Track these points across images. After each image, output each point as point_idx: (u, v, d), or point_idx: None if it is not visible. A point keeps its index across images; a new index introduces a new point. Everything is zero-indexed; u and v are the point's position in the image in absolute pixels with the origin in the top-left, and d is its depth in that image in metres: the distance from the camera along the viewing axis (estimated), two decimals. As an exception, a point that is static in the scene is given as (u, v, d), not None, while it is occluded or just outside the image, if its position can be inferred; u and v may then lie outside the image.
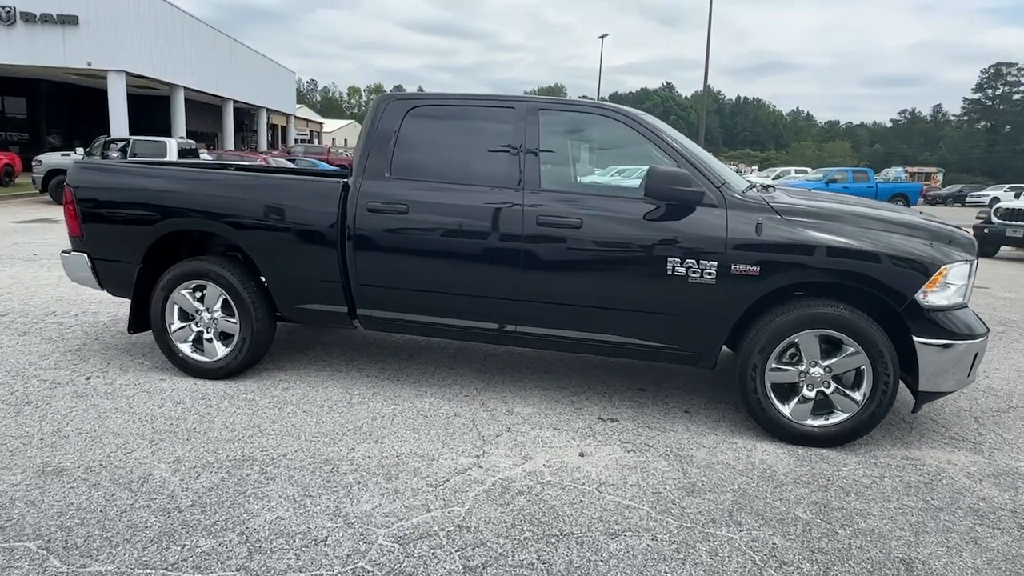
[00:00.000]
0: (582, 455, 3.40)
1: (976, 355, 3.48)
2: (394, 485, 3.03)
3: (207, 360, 4.27)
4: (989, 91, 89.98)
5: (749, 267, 3.48)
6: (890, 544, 2.70)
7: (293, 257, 4.07)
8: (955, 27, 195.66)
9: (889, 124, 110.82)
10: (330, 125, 78.49)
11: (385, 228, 3.89)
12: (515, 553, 2.54)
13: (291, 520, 2.71)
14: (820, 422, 3.56)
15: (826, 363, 3.52)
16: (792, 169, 37.39)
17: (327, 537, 2.60)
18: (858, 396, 3.49)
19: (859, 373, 3.50)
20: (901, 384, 3.58)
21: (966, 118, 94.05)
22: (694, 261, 3.53)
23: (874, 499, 3.06)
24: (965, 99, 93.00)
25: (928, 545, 2.71)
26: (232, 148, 32.99)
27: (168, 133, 25.38)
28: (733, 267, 3.49)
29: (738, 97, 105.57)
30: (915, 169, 53.43)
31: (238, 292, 4.13)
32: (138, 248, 4.28)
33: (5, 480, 2.94)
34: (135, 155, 15.86)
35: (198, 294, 4.27)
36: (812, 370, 3.54)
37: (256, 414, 3.78)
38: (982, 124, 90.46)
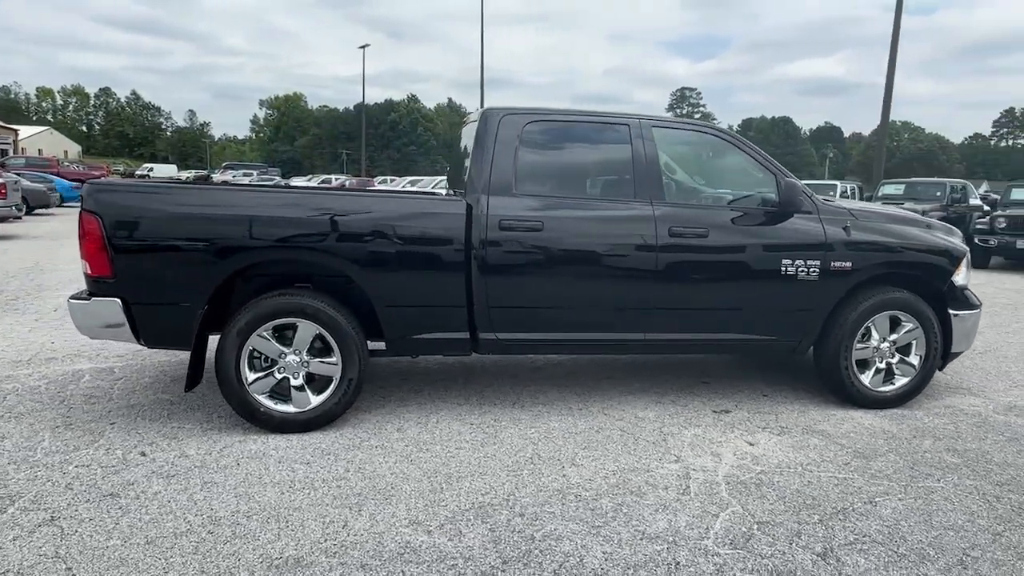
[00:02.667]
0: (752, 444, 3.72)
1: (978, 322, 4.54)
2: (658, 498, 3.04)
3: (297, 411, 3.68)
4: (678, 111, 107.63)
5: (844, 264, 4.11)
6: (993, 450, 3.48)
7: (414, 283, 3.72)
8: (641, 55, 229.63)
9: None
10: (25, 132, 65.68)
11: (520, 246, 3.77)
12: (826, 532, 2.78)
13: (621, 552, 2.61)
14: (890, 387, 4.33)
15: (891, 338, 4.30)
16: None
17: (673, 558, 2.58)
18: (916, 362, 4.32)
19: (911, 344, 4.33)
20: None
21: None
22: (803, 261, 4.06)
23: (962, 436, 3.87)
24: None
25: (1008, 452, 3.55)
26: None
27: None
28: (832, 264, 4.09)
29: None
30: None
31: (341, 328, 3.64)
32: (203, 287, 3.53)
33: (255, 584, 2.34)
34: None
35: (276, 335, 3.66)
36: (882, 345, 4.29)
37: (410, 460, 3.41)
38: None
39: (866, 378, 4.29)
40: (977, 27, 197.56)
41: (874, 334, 4.27)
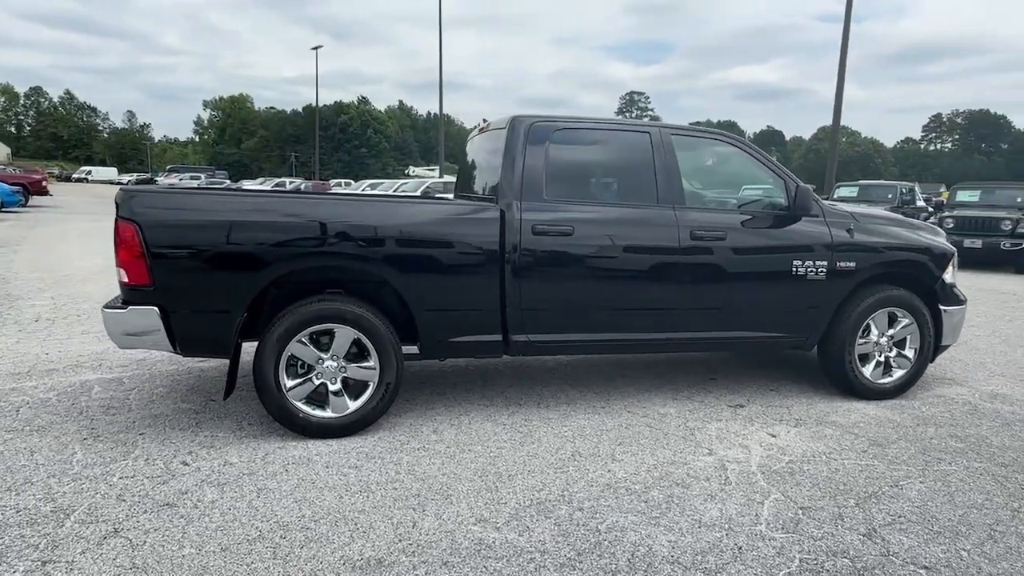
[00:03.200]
0: (774, 436, 3.92)
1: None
2: (703, 489, 3.20)
3: (335, 416, 3.70)
4: (627, 114, 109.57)
5: (848, 264, 4.36)
6: (990, 435, 3.78)
7: (451, 288, 3.80)
8: (585, 60, 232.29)
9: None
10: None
11: (552, 250, 3.88)
12: (865, 515, 2.98)
13: (684, 540, 2.75)
14: (888, 379, 4.61)
15: (889, 333, 4.58)
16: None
17: (734, 543, 2.73)
18: (911, 356, 4.61)
19: (906, 339, 4.62)
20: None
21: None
22: (812, 262, 4.30)
23: (959, 423, 4.17)
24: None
25: (1004, 436, 3.86)
26: None
27: None
28: (838, 265, 4.34)
29: (429, 113, 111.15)
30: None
31: (380, 333, 3.68)
32: (243, 295, 3.53)
33: (346, 585, 2.39)
34: None
35: (313, 341, 3.68)
36: (881, 340, 4.57)
37: (456, 461, 3.48)
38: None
39: (867, 371, 4.56)
40: (903, 36, 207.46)
41: (874, 330, 4.55)
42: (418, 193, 16.34)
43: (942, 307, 4.64)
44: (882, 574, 2.54)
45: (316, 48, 46.35)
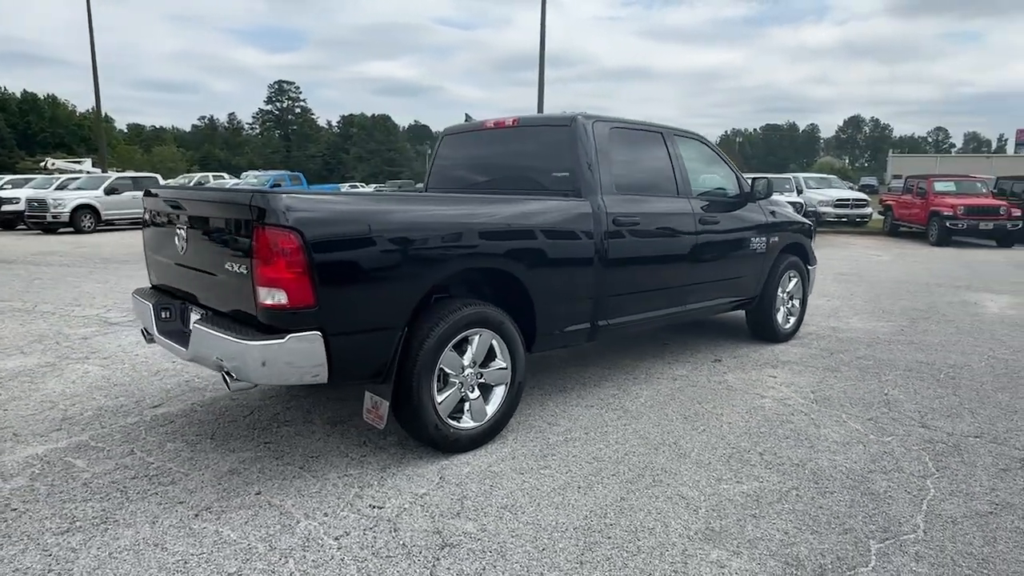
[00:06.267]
0: (774, 377, 4.94)
1: (810, 272, 6.60)
2: (800, 421, 4.01)
3: (476, 424, 3.57)
4: (278, 104, 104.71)
5: (775, 238, 5.62)
6: (882, 355, 5.46)
7: (563, 280, 3.92)
8: (208, 41, 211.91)
9: (189, 129, 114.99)
10: None
11: (627, 240, 4.25)
12: (891, 406, 4.16)
13: (828, 437, 3.53)
14: (789, 325, 6.06)
15: (789, 289, 6.01)
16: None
17: (881, 445, 3.61)
18: (798, 305, 6.13)
19: (796, 292, 6.12)
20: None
21: (259, 126, 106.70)
22: (761, 238, 5.43)
23: (852, 348, 5.79)
24: (260, 110, 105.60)
25: (891, 352, 5.58)
26: None
27: None
28: (770, 240, 5.57)
29: (25, 92, 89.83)
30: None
31: (512, 333, 3.65)
32: (405, 307, 3.17)
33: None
34: None
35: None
36: (785, 294, 5.97)
37: (638, 446, 3.69)
38: (278, 132, 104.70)
39: (780, 320, 5.92)
40: (511, 45, 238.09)
41: (783, 288, 5.92)
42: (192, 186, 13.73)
43: (809, 267, 6.25)
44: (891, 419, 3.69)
45: None
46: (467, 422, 3.51)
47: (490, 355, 3.62)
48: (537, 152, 4.43)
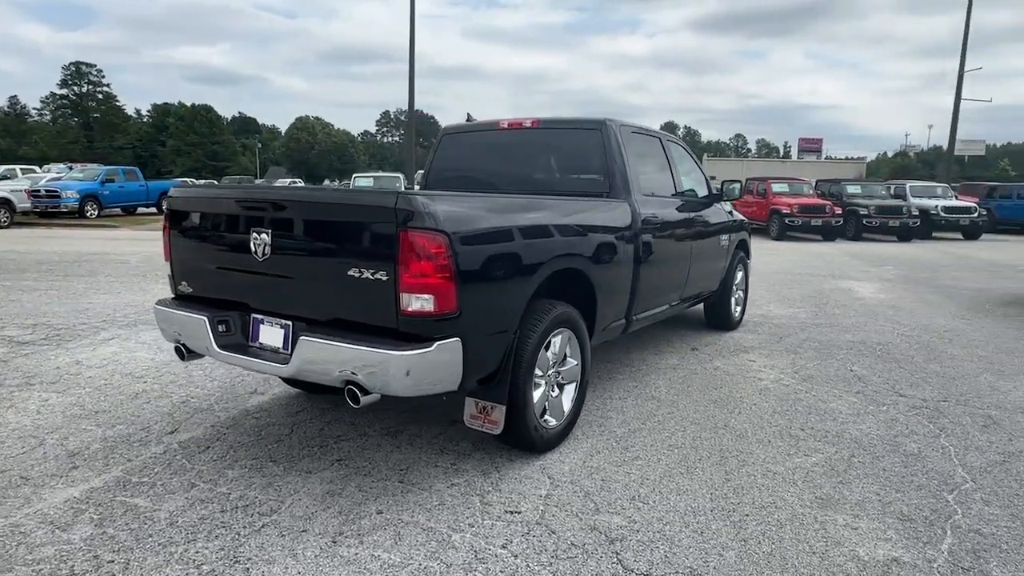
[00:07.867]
0: (753, 360, 5.45)
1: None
2: (821, 392, 4.51)
3: (557, 423, 3.62)
4: (75, 88, 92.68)
5: (733, 236, 6.18)
6: (821, 337, 6.26)
7: (615, 278, 4.07)
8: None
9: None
10: None
11: (651, 239, 4.48)
12: (875, 372, 4.82)
13: (839, 404, 4.06)
14: (737, 314, 6.67)
15: (738, 280, 6.63)
16: None
17: (886, 414, 4.18)
18: (743, 294, 6.78)
19: (742, 283, 6.76)
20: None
21: (50, 113, 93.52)
22: (725, 236, 5.95)
23: (795, 331, 6.51)
24: (53, 94, 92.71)
25: (829, 334, 6.40)
26: None
27: None
28: (731, 237, 6.11)
29: None
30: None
31: (584, 331, 3.74)
32: (519, 309, 3.15)
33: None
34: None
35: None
36: (735, 285, 6.58)
37: (685, 424, 3.93)
38: (76, 120, 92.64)
39: (733, 309, 6.52)
40: (336, 37, 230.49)
41: (735, 280, 6.52)
42: None
43: (748, 260, 6.93)
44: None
45: None
46: (551, 421, 3.54)
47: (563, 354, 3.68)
48: (562, 154, 4.52)
